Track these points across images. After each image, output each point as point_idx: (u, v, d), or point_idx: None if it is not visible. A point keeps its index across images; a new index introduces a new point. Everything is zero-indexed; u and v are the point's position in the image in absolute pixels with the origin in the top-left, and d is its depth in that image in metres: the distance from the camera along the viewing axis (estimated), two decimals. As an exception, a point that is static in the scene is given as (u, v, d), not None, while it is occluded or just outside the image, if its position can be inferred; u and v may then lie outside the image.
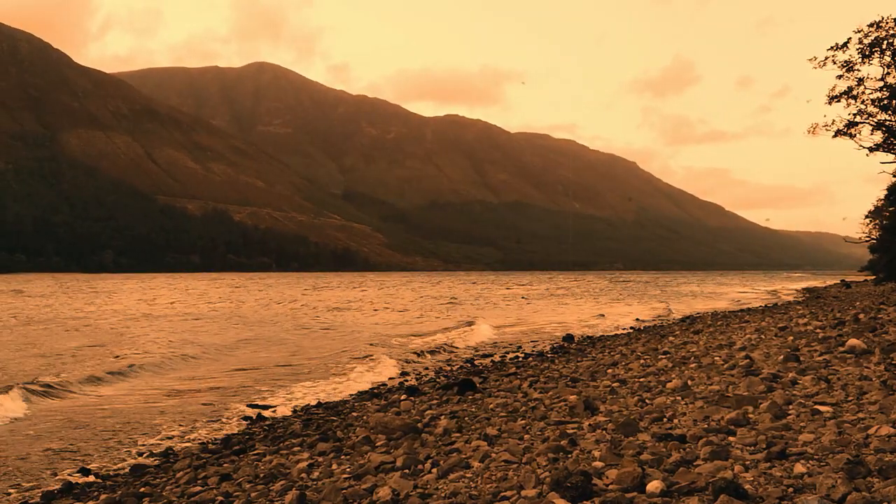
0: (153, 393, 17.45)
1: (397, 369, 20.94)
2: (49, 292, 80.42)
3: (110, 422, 14.20)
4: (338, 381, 19.12)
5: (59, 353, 24.76)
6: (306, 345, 28.22)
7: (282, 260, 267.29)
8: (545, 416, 9.93)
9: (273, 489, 7.80)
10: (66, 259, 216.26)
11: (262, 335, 32.20)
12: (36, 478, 10.46)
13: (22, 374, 19.90)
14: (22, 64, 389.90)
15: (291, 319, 41.63)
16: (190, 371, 21.13)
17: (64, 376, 19.27)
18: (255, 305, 56.32)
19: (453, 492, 6.50)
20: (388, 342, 28.58)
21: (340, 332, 33.26)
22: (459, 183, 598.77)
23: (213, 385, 18.56)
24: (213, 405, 15.88)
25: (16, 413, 14.97)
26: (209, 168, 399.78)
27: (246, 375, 20.21)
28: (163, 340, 29.66)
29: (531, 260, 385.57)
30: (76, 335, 31.74)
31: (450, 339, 29.93)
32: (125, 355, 24.42)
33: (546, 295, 75.29)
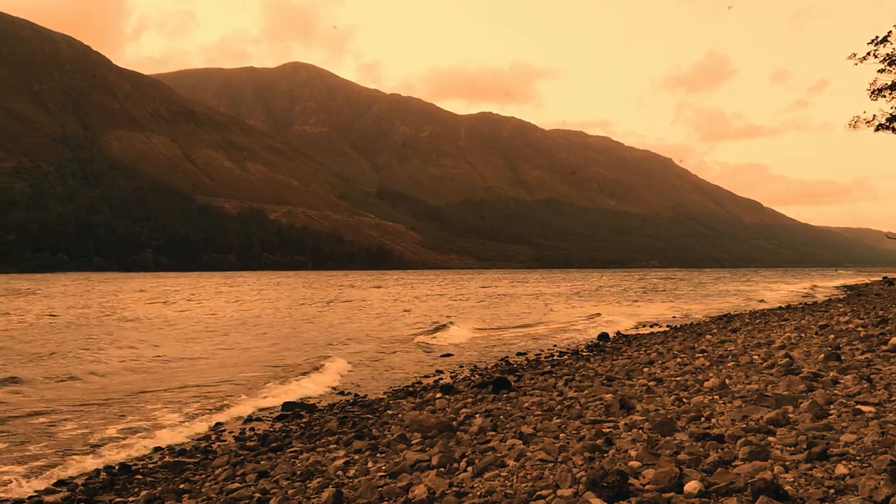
0: (194, 388, 17.68)
1: (426, 368, 20.99)
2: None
3: (149, 417, 14.42)
4: (376, 378, 19.23)
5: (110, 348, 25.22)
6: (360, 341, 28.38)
7: (317, 258, 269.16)
8: (581, 414, 9.89)
9: (310, 486, 7.87)
10: (107, 259, 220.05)
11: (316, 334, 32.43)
12: (80, 472, 10.68)
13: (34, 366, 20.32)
14: (63, 67, 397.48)
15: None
16: (228, 367, 21.38)
17: (104, 373, 19.66)
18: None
19: (489, 490, 6.50)
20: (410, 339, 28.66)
21: (387, 328, 33.42)
22: (493, 180, 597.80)
23: (248, 381, 18.75)
24: (250, 402, 16.04)
25: (50, 403, 15.29)
26: (245, 168, 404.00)
27: (280, 371, 20.40)
28: (202, 337, 30.06)
29: (566, 258, 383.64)
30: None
31: (488, 337, 29.92)
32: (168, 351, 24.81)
33: (577, 294, 74.97)
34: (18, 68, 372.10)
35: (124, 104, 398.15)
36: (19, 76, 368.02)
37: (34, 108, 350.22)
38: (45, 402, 15.95)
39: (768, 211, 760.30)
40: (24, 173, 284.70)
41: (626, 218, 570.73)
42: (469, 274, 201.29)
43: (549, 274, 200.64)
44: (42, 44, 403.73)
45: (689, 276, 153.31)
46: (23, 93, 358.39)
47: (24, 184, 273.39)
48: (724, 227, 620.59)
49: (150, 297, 67.72)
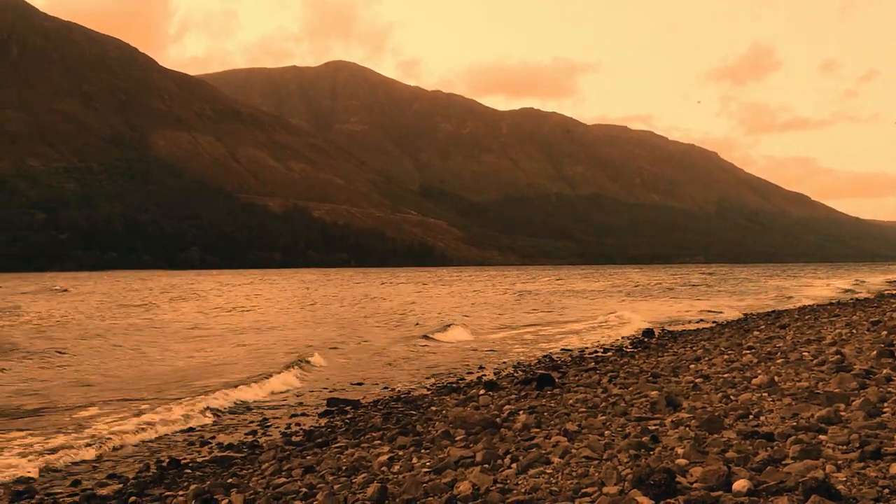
0: (241, 384, 17.94)
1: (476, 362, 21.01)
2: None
3: (198, 413, 14.66)
4: (418, 374, 19.31)
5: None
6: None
7: (360, 256, 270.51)
8: (626, 411, 9.82)
9: (355, 482, 7.93)
10: (155, 256, 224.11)
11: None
12: (131, 466, 10.92)
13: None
14: (111, 69, 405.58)
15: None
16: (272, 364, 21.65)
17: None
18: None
19: (533, 487, 6.49)
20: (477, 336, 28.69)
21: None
22: (535, 176, 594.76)
23: (295, 377, 18.96)
24: (295, 398, 16.24)
25: (94, 397, 15.63)
26: (289, 166, 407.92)
27: (328, 368, 20.59)
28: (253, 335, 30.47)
29: (609, 254, 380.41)
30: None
31: (520, 335, 29.84)
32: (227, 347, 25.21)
33: (617, 291, 74.31)
34: (69, 71, 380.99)
35: (170, 104, 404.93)
36: (69, 78, 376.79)
37: (84, 110, 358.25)
38: (86, 398, 16.34)
39: (816, 204, 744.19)
40: (75, 173, 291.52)
41: (670, 213, 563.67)
42: (508, 271, 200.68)
43: (591, 270, 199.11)
44: (91, 46, 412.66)
45: (732, 272, 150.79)
46: (73, 94, 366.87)
47: (74, 184, 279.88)
48: (771, 221, 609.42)
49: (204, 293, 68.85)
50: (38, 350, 25.13)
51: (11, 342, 27.75)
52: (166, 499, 8.69)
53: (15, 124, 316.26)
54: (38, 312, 43.60)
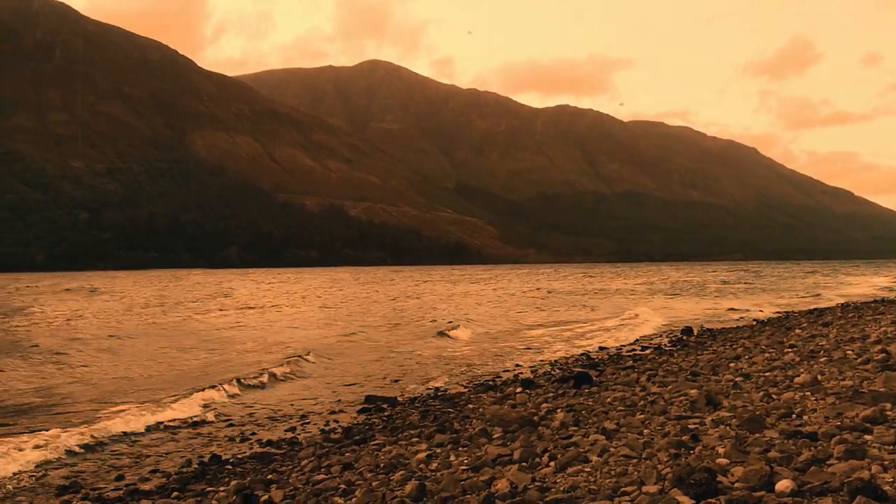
0: (279, 384, 18.13)
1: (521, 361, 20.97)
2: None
3: (237, 411, 14.85)
4: (454, 372, 19.33)
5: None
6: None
7: (396, 254, 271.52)
8: (665, 410, 9.72)
9: (393, 479, 7.96)
10: (195, 255, 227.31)
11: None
12: (172, 462, 11.10)
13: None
14: (152, 71, 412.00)
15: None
16: (315, 363, 21.82)
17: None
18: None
19: (572, 486, 6.45)
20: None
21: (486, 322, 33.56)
22: (571, 174, 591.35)
23: (331, 374, 19.11)
24: (332, 395, 16.35)
25: (140, 393, 15.89)
26: (326, 165, 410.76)
27: (363, 365, 20.70)
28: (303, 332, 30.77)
29: (646, 251, 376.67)
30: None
31: (553, 334, 29.69)
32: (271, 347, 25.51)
33: (648, 289, 73.55)
34: (111, 73, 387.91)
35: (209, 105, 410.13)
36: (112, 81, 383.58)
37: (125, 112, 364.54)
38: (124, 394, 16.63)
39: (860, 200, 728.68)
40: (117, 174, 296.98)
41: (709, 210, 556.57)
42: (542, 269, 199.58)
43: (626, 268, 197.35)
44: (132, 49, 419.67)
45: (771, 270, 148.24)
46: (115, 97, 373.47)
47: (116, 184, 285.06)
48: (813, 217, 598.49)
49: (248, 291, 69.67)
50: (72, 349, 25.66)
51: (30, 341, 28.36)
52: (208, 494, 8.81)
53: (59, 126, 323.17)
54: (59, 312, 44.46)
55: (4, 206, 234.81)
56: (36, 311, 44.36)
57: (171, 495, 9.01)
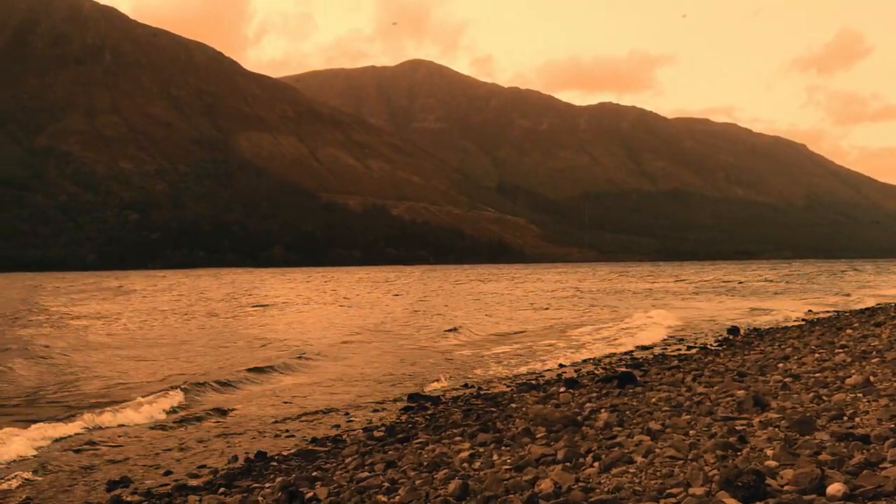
0: (322, 380, 18.29)
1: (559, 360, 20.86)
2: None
3: (281, 409, 15.01)
4: (497, 371, 19.31)
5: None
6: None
7: (438, 253, 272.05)
8: (711, 411, 9.59)
9: (436, 477, 7.97)
10: (240, 255, 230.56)
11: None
12: (220, 458, 11.26)
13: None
14: (198, 73, 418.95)
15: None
16: (356, 359, 21.98)
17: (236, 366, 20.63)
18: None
19: (616, 486, 6.40)
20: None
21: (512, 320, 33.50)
22: (614, 172, 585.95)
23: (376, 372, 19.22)
24: (376, 393, 16.45)
25: (192, 404, 16.17)
26: (368, 165, 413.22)
27: (405, 363, 20.79)
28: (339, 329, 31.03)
29: (692, 249, 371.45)
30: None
31: (603, 333, 29.45)
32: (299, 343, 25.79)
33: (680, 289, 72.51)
34: (158, 75, 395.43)
35: (254, 106, 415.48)
36: (159, 83, 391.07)
37: (172, 113, 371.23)
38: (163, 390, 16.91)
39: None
40: (165, 175, 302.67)
41: (756, 207, 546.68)
42: (581, 267, 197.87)
43: (669, 267, 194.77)
44: (179, 52, 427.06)
45: (819, 268, 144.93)
46: (162, 98, 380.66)
47: (164, 185, 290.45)
48: (864, 215, 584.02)
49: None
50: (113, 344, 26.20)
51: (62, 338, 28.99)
52: (253, 490, 8.92)
53: (108, 128, 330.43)
54: (92, 312, 45.37)
55: (57, 206, 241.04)
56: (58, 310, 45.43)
57: (217, 491, 9.14)
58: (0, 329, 32.58)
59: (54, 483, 10.12)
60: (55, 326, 34.10)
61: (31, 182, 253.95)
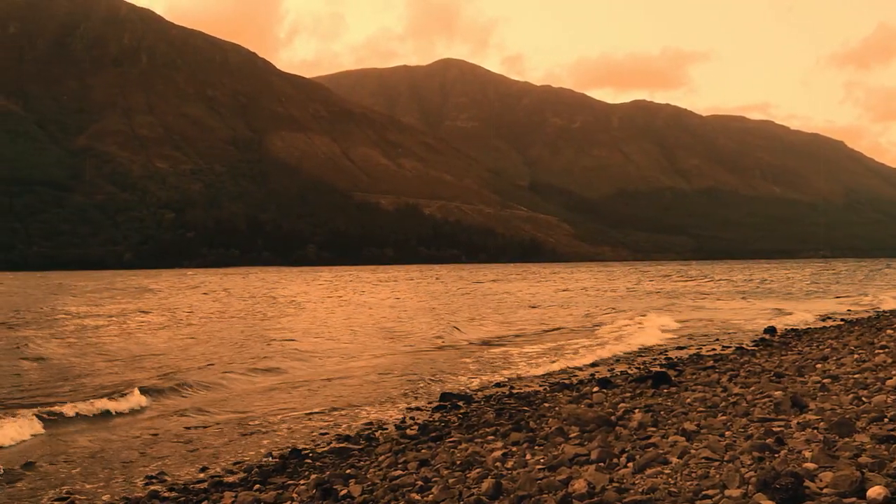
0: (355, 377, 18.39)
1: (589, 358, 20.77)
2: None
3: (313, 406, 15.11)
4: (530, 370, 19.27)
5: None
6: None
7: (470, 252, 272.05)
8: (748, 412, 9.47)
9: (469, 476, 7.98)
10: (274, 253, 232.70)
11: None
12: (255, 455, 11.38)
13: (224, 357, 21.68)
14: (233, 74, 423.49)
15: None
16: (382, 359, 22.06)
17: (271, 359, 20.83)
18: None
19: (651, 487, 6.35)
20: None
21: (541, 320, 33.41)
22: (648, 170, 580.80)
23: (409, 370, 19.26)
24: (406, 391, 16.49)
25: (228, 395, 16.34)
26: (400, 164, 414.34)
27: (442, 361, 20.81)
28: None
29: (727, 248, 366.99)
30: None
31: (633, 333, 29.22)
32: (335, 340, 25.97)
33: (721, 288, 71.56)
34: (194, 77, 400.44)
35: (287, 106, 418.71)
36: (195, 84, 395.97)
37: (208, 114, 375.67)
38: (215, 391, 17.12)
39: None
40: (200, 174, 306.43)
41: (793, 206, 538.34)
42: (614, 266, 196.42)
43: (700, 266, 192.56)
44: (214, 53, 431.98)
45: (858, 267, 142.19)
46: (198, 99, 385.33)
47: (200, 184, 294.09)
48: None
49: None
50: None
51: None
52: (288, 487, 9.00)
53: (145, 128, 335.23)
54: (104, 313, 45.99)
55: (95, 205, 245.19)
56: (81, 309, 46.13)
57: (252, 488, 9.24)
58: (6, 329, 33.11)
59: (92, 477, 10.30)
60: (68, 325, 34.70)
61: (70, 182, 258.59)
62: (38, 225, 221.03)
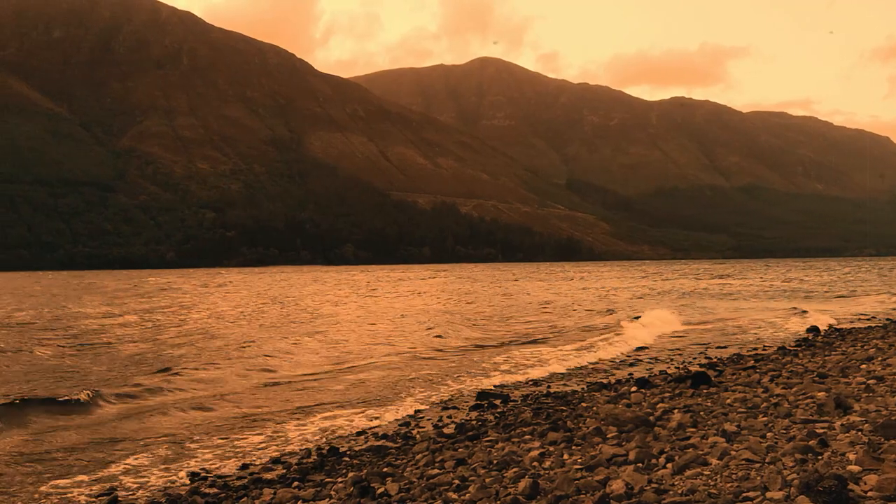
0: (392, 376, 18.46)
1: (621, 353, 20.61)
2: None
3: (350, 405, 15.20)
4: (567, 369, 19.18)
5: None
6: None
7: (507, 251, 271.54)
8: (790, 413, 9.32)
9: (506, 476, 7.97)
10: (313, 253, 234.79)
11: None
12: (293, 452, 11.50)
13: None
14: (272, 74, 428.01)
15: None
16: (427, 355, 22.12)
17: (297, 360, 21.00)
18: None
19: (690, 489, 6.28)
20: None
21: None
22: (687, 167, 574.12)
23: (445, 369, 19.29)
24: (445, 390, 16.51)
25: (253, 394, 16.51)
26: (437, 163, 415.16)
27: (478, 359, 20.81)
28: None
29: (768, 247, 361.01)
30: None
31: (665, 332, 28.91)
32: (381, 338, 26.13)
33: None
34: (234, 78, 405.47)
35: (325, 106, 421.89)
36: (234, 85, 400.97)
37: (247, 114, 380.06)
38: (248, 390, 17.32)
39: None
40: (240, 174, 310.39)
41: (837, 203, 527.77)
42: (647, 266, 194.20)
43: (737, 264, 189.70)
44: (253, 54, 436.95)
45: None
46: (238, 100, 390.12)
47: (239, 184, 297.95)
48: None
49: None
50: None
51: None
52: (326, 484, 9.08)
53: (186, 129, 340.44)
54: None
55: (138, 206, 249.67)
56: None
57: (291, 485, 9.34)
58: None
59: (137, 473, 10.48)
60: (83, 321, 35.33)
61: (114, 183, 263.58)
62: (82, 225, 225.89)
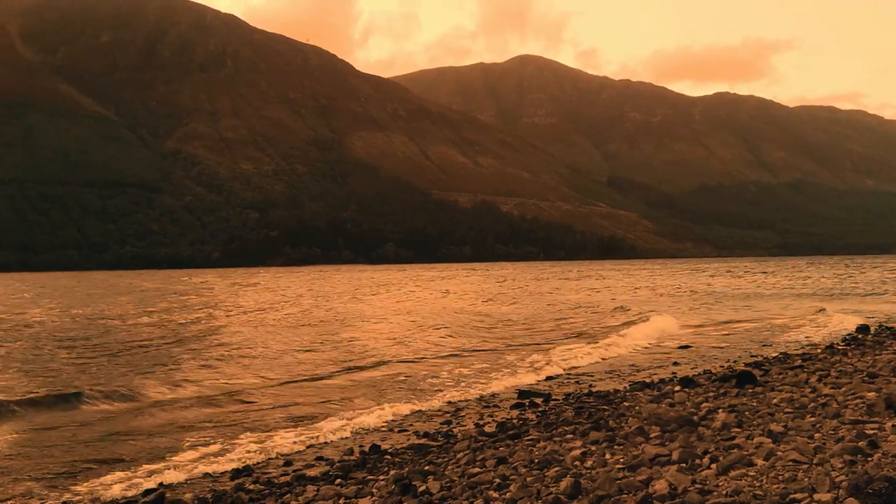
0: (425, 373, 18.52)
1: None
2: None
3: (391, 403, 15.28)
4: (609, 368, 19.04)
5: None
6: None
7: (548, 249, 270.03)
8: (838, 413, 9.13)
9: (547, 475, 7.93)
10: (354, 252, 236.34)
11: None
12: (335, 450, 11.61)
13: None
14: (313, 75, 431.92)
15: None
16: (464, 354, 22.14)
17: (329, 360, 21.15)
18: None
19: (735, 490, 6.19)
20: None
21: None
22: (731, 164, 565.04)
23: (485, 368, 19.28)
24: (485, 388, 16.51)
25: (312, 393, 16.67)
26: (477, 162, 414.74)
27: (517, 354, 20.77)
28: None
29: (815, 244, 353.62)
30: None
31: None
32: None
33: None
34: (276, 79, 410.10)
35: (366, 106, 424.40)
36: (276, 86, 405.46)
37: (289, 115, 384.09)
38: (280, 385, 17.49)
39: None
40: (283, 175, 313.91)
41: (888, 198, 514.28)
42: (687, 263, 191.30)
43: (780, 262, 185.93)
44: (295, 55, 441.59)
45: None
46: (280, 101, 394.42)
47: (282, 185, 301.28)
48: None
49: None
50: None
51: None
52: (368, 482, 9.14)
53: (230, 131, 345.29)
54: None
55: (184, 206, 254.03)
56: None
57: (334, 482, 9.42)
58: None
59: (181, 469, 10.66)
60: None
61: (160, 184, 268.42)
62: (130, 226, 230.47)
